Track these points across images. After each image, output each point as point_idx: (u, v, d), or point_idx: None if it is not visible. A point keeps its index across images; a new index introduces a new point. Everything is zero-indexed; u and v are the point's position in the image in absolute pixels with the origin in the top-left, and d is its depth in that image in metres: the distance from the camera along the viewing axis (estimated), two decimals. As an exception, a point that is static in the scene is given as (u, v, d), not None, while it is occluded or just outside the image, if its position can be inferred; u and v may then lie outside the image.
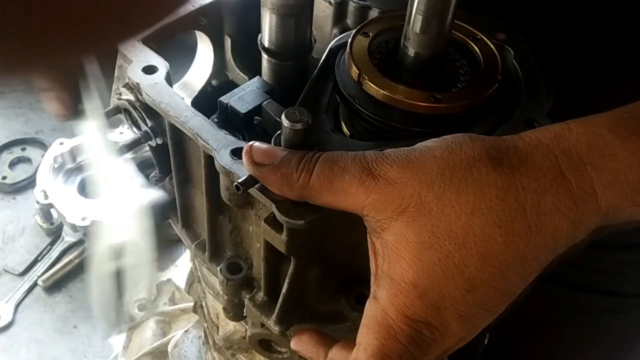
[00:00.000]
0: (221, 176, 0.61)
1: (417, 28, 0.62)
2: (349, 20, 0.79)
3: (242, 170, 0.57)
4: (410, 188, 0.50)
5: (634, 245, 0.98)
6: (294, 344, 0.65)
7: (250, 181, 0.56)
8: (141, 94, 0.65)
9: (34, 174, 2.50)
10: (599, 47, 0.77)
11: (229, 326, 0.89)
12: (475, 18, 0.71)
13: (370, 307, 0.53)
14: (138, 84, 0.65)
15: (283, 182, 0.54)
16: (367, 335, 0.52)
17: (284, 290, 0.64)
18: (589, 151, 0.51)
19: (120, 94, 0.70)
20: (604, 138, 0.51)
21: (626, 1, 0.74)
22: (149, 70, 0.65)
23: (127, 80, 0.67)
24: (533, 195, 0.49)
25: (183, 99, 0.64)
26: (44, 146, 2.72)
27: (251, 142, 0.56)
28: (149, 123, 0.69)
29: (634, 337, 1.18)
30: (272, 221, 0.58)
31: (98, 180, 0.56)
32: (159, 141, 0.70)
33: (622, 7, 0.74)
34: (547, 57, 0.69)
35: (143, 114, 0.68)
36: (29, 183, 2.60)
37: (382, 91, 0.63)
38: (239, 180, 0.56)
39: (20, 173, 2.67)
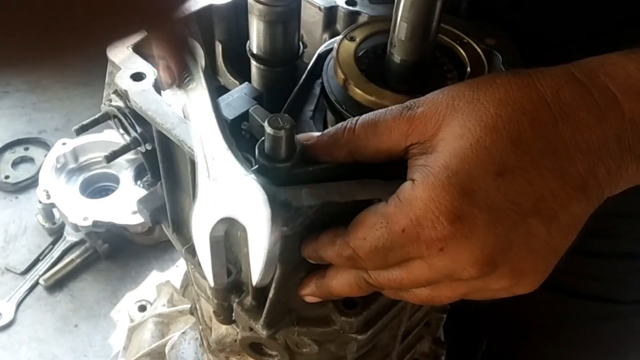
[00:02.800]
0: (207, 182, 0.61)
1: (402, 35, 0.62)
2: (339, 26, 0.79)
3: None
4: (444, 102, 0.55)
5: (631, 254, 0.98)
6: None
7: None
8: (129, 101, 0.66)
9: (37, 174, 2.51)
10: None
11: (221, 329, 0.89)
12: (464, 23, 0.71)
13: (405, 184, 0.55)
14: (126, 90, 0.65)
15: (331, 142, 0.58)
16: (393, 208, 0.54)
17: (270, 294, 0.65)
18: (599, 65, 0.55)
19: (110, 100, 0.70)
20: (612, 58, 0.55)
21: (625, 13, 0.73)
22: (137, 77, 0.66)
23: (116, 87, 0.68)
24: (552, 90, 0.53)
25: (170, 105, 0.64)
26: (46, 146, 2.73)
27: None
28: (138, 129, 0.69)
29: (630, 344, 1.18)
30: (257, 227, 0.58)
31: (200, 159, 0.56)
32: (149, 147, 0.70)
33: (619, 18, 0.73)
34: (542, 61, 0.69)
35: (132, 120, 0.68)
36: (32, 183, 2.61)
37: (367, 96, 0.63)
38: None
39: (22, 172, 2.68)
